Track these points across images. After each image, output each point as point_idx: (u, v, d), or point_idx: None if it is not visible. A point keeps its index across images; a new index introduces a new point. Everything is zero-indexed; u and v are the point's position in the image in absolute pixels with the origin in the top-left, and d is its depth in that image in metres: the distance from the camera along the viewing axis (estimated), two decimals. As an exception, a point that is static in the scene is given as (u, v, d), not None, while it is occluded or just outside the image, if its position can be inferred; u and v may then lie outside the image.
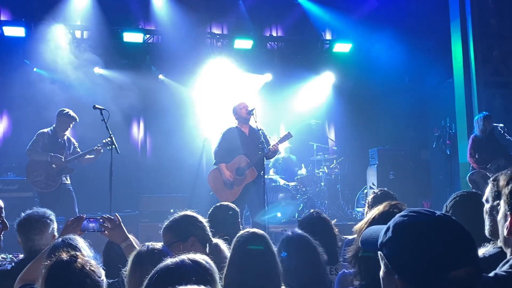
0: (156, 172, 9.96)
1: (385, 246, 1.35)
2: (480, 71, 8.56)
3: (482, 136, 7.23)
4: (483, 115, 7.34)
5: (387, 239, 1.34)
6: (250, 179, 6.53)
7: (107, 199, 5.67)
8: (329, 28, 10.54)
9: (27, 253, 3.09)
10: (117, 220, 2.93)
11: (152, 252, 2.33)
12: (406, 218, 1.34)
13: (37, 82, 9.18)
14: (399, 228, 1.33)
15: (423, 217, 1.33)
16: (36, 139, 6.92)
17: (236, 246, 2.62)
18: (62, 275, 1.92)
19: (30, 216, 3.15)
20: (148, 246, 2.39)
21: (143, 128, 10.50)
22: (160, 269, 1.70)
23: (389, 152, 9.63)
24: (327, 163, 10.08)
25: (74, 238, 2.41)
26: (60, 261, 1.94)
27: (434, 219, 1.31)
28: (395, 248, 1.32)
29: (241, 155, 6.55)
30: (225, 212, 3.92)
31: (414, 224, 1.31)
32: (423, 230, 1.29)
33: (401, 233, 1.32)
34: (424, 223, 1.31)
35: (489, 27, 8.76)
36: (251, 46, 10.06)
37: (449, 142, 9.43)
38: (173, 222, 2.99)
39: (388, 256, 1.34)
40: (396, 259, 1.32)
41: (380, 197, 3.75)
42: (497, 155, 7.16)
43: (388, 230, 1.35)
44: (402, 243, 1.31)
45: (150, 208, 8.29)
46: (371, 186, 9.43)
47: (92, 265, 1.96)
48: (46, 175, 6.82)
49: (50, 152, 6.85)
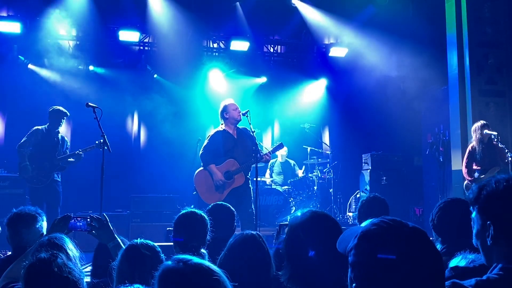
0: (149, 172, 9.93)
1: (350, 253, 1.31)
2: (475, 79, 8.58)
3: (478, 147, 7.11)
4: (482, 123, 7.18)
5: (352, 246, 1.30)
6: (237, 184, 6.47)
7: (98, 198, 5.64)
8: (325, 33, 10.54)
9: (14, 250, 3.09)
10: (105, 220, 2.91)
11: (147, 246, 2.34)
12: (374, 228, 1.28)
13: (31, 79, 9.15)
14: (364, 236, 1.28)
15: (391, 230, 1.26)
16: (30, 135, 7.08)
17: (231, 247, 2.60)
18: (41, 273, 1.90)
19: (20, 210, 3.18)
20: (141, 241, 2.40)
21: (137, 127, 10.47)
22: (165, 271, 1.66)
23: (382, 157, 9.64)
24: (320, 167, 10.07)
25: (60, 237, 2.38)
26: (39, 260, 1.93)
27: (405, 233, 1.25)
28: (356, 257, 1.28)
29: (231, 159, 6.50)
30: (222, 212, 3.86)
31: (379, 235, 1.26)
32: (387, 245, 1.23)
33: (364, 242, 1.27)
34: (388, 237, 1.25)
35: (484, 35, 8.79)
36: (247, 48, 10.05)
37: (442, 149, 9.45)
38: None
39: (350, 263, 1.31)
40: (356, 268, 1.28)
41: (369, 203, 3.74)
42: (495, 164, 7.08)
43: (356, 236, 1.31)
44: (364, 252, 1.26)
45: (142, 208, 8.25)
46: (363, 191, 9.44)
47: (72, 265, 1.95)
48: (38, 171, 6.99)
49: (43, 149, 7.02)
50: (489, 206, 1.66)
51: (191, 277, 1.42)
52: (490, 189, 1.67)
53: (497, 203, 1.64)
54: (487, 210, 1.67)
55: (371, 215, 3.12)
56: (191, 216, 3.20)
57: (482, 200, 1.68)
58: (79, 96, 8.26)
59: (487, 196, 1.67)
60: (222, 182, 6.43)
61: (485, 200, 1.67)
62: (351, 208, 9.70)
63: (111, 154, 5.77)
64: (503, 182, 1.66)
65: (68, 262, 1.97)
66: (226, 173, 6.49)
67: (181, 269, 1.44)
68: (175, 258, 1.50)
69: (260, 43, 10.58)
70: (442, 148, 9.44)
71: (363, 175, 9.71)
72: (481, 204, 1.68)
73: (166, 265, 1.48)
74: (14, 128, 8.92)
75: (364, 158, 9.83)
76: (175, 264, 1.46)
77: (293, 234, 2.07)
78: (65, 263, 1.96)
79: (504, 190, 1.64)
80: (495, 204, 1.65)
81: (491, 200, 1.66)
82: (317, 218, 2.12)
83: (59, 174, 7.21)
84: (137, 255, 2.32)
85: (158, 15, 9.64)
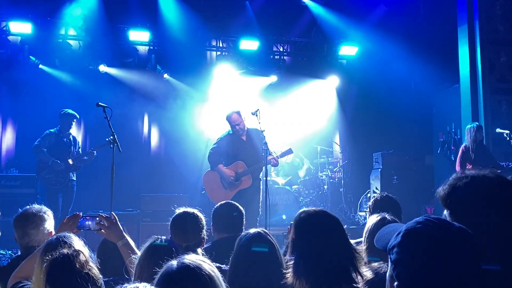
0: (159, 172, 9.96)
1: (392, 250, 1.30)
2: (487, 77, 8.51)
3: (472, 146, 7.23)
4: (476, 125, 7.32)
5: (395, 243, 1.29)
6: (244, 185, 6.51)
7: (109, 198, 5.66)
8: (336, 32, 10.49)
9: (23, 249, 3.10)
10: (114, 219, 2.91)
11: (168, 245, 2.37)
12: (420, 226, 1.28)
13: (42, 79, 9.20)
14: (409, 234, 1.28)
15: (437, 231, 1.25)
16: (43, 138, 7.45)
17: (240, 246, 2.59)
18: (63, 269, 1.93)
19: (27, 211, 3.18)
20: (164, 239, 2.44)
21: (147, 126, 10.49)
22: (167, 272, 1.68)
23: (393, 156, 9.57)
24: (330, 166, 10.03)
25: (69, 236, 2.38)
26: (62, 255, 1.96)
27: (449, 233, 1.25)
28: (400, 255, 1.27)
29: (240, 161, 6.52)
30: (230, 211, 3.84)
31: (426, 234, 1.25)
32: (432, 246, 1.22)
33: (410, 240, 1.27)
34: (436, 236, 1.24)
35: (496, 33, 8.71)
36: (257, 47, 10.03)
37: (454, 148, 9.37)
38: None
39: (393, 261, 1.30)
40: (399, 266, 1.27)
41: (381, 202, 3.70)
42: (486, 165, 7.17)
43: (399, 234, 1.30)
44: (408, 250, 1.26)
45: (152, 208, 8.27)
46: (374, 190, 9.38)
47: (92, 261, 1.99)
48: (56, 173, 7.32)
49: (57, 151, 7.36)
50: (459, 211, 1.64)
51: (184, 275, 1.50)
52: (461, 192, 1.66)
53: (466, 208, 1.63)
54: (457, 213, 1.65)
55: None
56: (183, 217, 3.21)
57: (453, 203, 1.68)
58: (90, 96, 8.28)
59: (457, 200, 1.67)
60: (231, 179, 6.45)
61: (455, 203, 1.67)
62: (362, 208, 9.64)
63: (121, 154, 5.78)
64: (474, 186, 1.65)
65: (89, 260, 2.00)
66: (235, 174, 6.51)
67: (176, 268, 1.52)
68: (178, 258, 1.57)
69: (270, 42, 10.55)
70: (453, 147, 9.36)
71: (374, 174, 9.65)
72: (452, 207, 1.67)
73: (168, 265, 1.56)
74: (26, 128, 8.99)
75: (375, 157, 9.77)
76: (174, 263, 1.54)
77: (302, 230, 2.20)
78: (86, 260, 1.99)
79: (474, 195, 1.63)
80: (464, 209, 1.63)
81: (461, 204, 1.65)
82: (317, 215, 2.29)
83: (75, 174, 7.47)
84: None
85: (168, 14, 9.65)
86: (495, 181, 1.66)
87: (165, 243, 2.40)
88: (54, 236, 2.46)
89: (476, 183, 1.65)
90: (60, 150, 7.39)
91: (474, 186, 1.64)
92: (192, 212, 3.23)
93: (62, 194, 7.35)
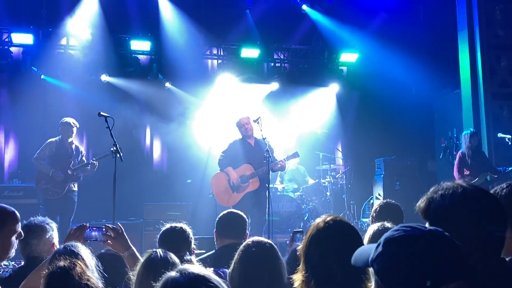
0: (161, 180, 9.96)
1: (376, 261, 1.34)
2: (488, 82, 8.52)
3: (467, 153, 7.35)
4: (470, 131, 7.45)
5: (377, 254, 1.34)
6: (251, 188, 6.62)
7: (111, 207, 5.66)
8: (336, 39, 10.53)
9: (26, 260, 3.12)
10: (120, 229, 2.92)
11: (166, 258, 2.34)
12: (397, 232, 1.33)
13: (44, 90, 9.23)
14: (389, 242, 1.32)
15: (414, 231, 1.31)
16: (43, 148, 7.34)
17: (241, 255, 2.59)
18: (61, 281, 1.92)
19: (30, 222, 3.21)
20: (161, 252, 2.41)
21: (149, 135, 10.50)
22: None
23: (395, 162, 9.56)
24: (332, 172, 10.03)
25: (76, 245, 2.39)
26: (58, 268, 1.95)
27: (426, 233, 1.31)
28: (385, 263, 1.31)
29: (248, 164, 6.64)
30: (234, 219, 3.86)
31: (405, 238, 1.31)
32: (413, 245, 1.28)
33: (391, 247, 1.31)
34: (415, 237, 1.30)
35: (497, 38, 8.73)
36: (258, 55, 10.06)
37: (456, 153, 9.36)
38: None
39: (378, 271, 1.34)
40: (385, 274, 1.31)
41: (383, 209, 3.71)
42: (483, 171, 7.28)
43: (379, 245, 1.35)
44: (392, 257, 1.30)
45: (155, 217, 8.26)
46: (377, 196, 9.37)
47: (90, 272, 1.97)
48: (53, 183, 7.22)
49: (58, 160, 7.27)
50: (438, 221, 1.66)
51: (188, 285, 1.48)
52: (437, 204, 1.71)
53: (443, 218, 1.67)
54: (436, 224, 1.64)
55: (385, 221, 3.11)
56: (171, 232, 3.21)
57: (431, 214, 1.71)
58: (92, 106, 8.30)
59: (435, 211, 1.71)
60: (237, 183, 6.56)
61: (433, 215, 1.71)
62: (365, 214, 9.62)
63: (123, 162, 5.80)
64: (448, 197, 1.69)
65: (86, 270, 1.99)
66: (241, 177, 6.64)
67: (179, 279, 1.50)
68: (178, 268, 1.56)
69: (270, 50, 10.59)
70: (455, 152, 9.35)
71: (376, 180, 9.64)
72: (431, 218, 1.71)
73: (168, 276, 1.55)
74: (29, 139, 9.00)
75: (377, 163, 9.76)
76: (175, 274, 1.52)
77: (317, 244, 2.06)
78: (84, 271, 1.98)
79: (449, 205, 1.68)
80: (442, 219, 1.66)
81: (438, 215, 1.69)
82: (337, 226, 2.13)
83: (76, 184, 7.40)
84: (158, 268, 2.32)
85: (169, 24, 9.70)
86: (469, 192, 1.71)
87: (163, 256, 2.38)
88: (62, 246, 2.46)
89: (450, 194, 1.71)
90: (60, 160, 7.32)
91: (449, 197, 1.70)
92: (180, 227, 3.22)
93: (61, 205, 7.25)
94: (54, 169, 7.21)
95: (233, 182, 6.66)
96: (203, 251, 4.33)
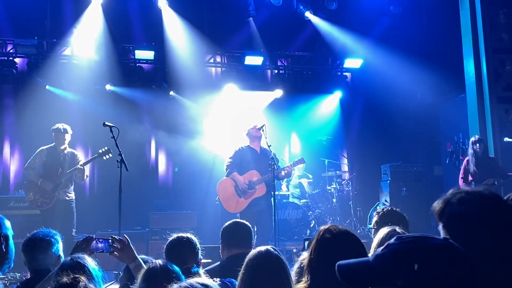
0: (166, 189, 9.95)
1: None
2: (493, 86, 8.47)
3: (472, 159, 7.38)
4: (474, 138, 7.47)
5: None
6: (259, 194, 6.65)
7: (117, 216, 5.65)
8: (339, 45, 10.53)
9: (32, 273, 3.10)
10: (126, 241, 2.90)
11: (166, 268, 2.32)
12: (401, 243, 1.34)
13: (49, 100, 9.25)
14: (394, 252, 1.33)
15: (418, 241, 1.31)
16: (34, 157, 7.16)
17: (249, 265, 2.56)
18: None
19: (34, 235, 3.18)
20: (161, 263, 2.38)
21: (154, 144, 10.50)
22: None
23: (401, 168, 9.52)
24: (338, 179, 9.99)
25: (83, 257, 2.38)
26: (62, 285, 1.92)
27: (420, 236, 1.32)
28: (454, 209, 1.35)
29: (253, 170, 6.68)
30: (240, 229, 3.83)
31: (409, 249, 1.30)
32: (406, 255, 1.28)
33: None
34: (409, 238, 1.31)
35: (501, 41, 8.69)
36: (261, 62, 10.07)
37: (462, 158, 9.31)
38: None
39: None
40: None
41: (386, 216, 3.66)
42: (488, 177, 7.31)
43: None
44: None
45: (160, 226, 8.25)
46: (383, 202, 9.32)
47: (94, 285, 1.95)
48: (42, 193, 6.99)
49: (48, 168, 7.03)
50: (451, 226, 1.65)
51: None
52: (453, 208, 1.67)
53: (458, 224, 1.64)
54: (449, 229, 1.65)
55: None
56: (177, 243, 3.19)
57: (446, 218, 1.69)
58: (97, 116, 8.30)
59: (450, 215, 1.67)
60: (245, 188, 6.59)
61: (448, 219, 1.68)
62: (371, 221, 9.56)
63: (129, 172, 5.79)
64: (465, 204, 1.65)
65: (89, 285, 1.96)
66: (249, 182, 6.64)
67: None
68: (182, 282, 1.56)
69: (274, 57, 10.61)
70: (462, 157, 9.30)
71: (383, 186, 9.59)
72: (445, 222, 1.69)
73: None
74: (34, 149, 8.97)
75: (383, 169, 9.72)
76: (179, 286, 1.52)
77: (323, 252, 2.08)
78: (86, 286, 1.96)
79: (464, 214, 1.64)
80: (456, 225, 1.64)
81: (453, 220, 1.66)
82: (340, 235, 2.18)
83: (71, 192, 7.16)
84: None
85: (172, 32, 9.72)
86: (488, 199, 1.66)
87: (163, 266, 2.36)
88: (68, 257, 2.45)
89: (469, 199, 1.66)
90: (51, 168, 7.03)
91: (467, 202, 1.65)
92: (186, 237, 3.20)
93: (57, 214, 6.91)
94: (43, 178, 6.95)
95: (240, 187, 6.68)
96: (210, 260, 4.31)
